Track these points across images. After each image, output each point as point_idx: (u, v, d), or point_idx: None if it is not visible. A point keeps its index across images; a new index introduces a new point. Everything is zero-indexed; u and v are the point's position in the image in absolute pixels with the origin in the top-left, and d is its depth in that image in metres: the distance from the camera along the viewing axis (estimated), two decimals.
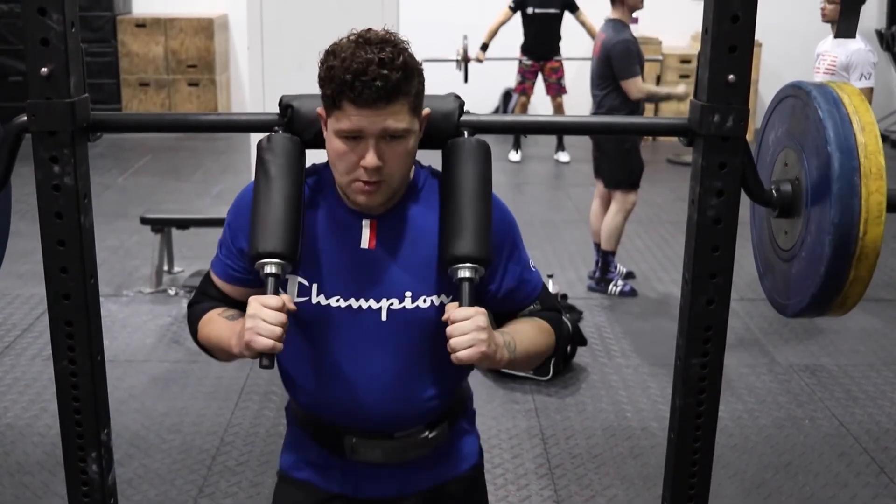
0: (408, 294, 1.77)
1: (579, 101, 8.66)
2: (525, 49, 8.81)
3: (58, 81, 1.94)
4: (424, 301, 1.77)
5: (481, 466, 2.04)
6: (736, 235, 2.02)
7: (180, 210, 6.02)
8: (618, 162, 5.50)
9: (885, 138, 9.97)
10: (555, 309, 1.94)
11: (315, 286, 1.77)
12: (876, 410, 4.21)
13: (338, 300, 1.77)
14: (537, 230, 6.71)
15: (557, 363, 4.43)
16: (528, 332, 1.84)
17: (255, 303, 1.64)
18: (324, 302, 1.77)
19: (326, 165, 1.80)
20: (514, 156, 9.24)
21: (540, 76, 8.90)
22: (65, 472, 2.26)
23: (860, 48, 5.49)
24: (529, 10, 8.56)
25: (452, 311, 1.66)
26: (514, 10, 8.57)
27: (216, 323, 1.84)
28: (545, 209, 7.36)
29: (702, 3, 1.96)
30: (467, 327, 1.63)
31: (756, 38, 1.98)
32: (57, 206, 2.03)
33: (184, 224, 5.65)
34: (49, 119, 1.96)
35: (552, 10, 8.53)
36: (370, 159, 1.64)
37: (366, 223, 1.78)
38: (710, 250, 2.06)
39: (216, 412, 4.10)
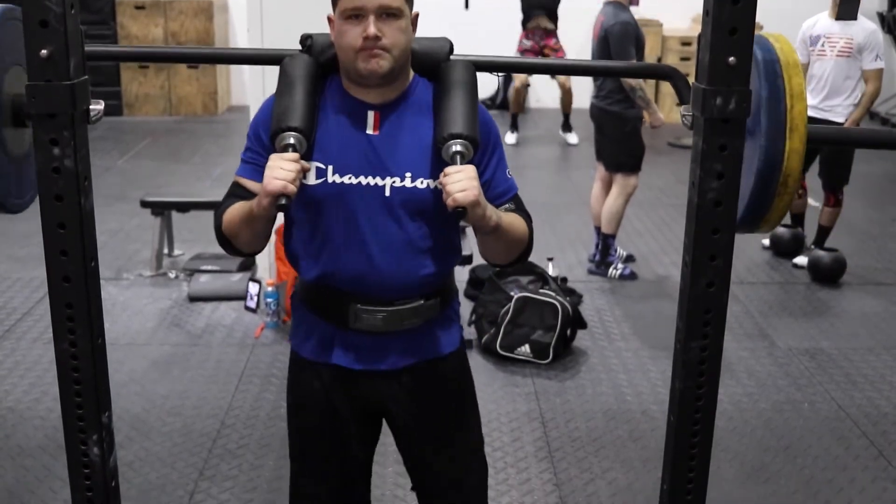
0: (408, 174, 2.06)
1: (579, 84, 8.65)
2: (524, 23, 8.81)
3: (57, 63, 1.93)
4: (422, 182, 2.06)
5: (464, 353, 2.32)
6: (736, 218, 2.02)
7: (180, 193, 6.02)
8: (619, 145, 5.49)
9: (885, 122, 9.96)
10: (527, 214, 2.21)
11: (330, 167, 2.06)
12: (875, 394, 4.21)
13: (349, 178, 2.05)
14: (538, 213, 6.64)
15: (557, 346, 4.44)
16: (508, 215, 2.11)
17: (274, 157, 1.95)
18: (338, 180, 2.05)
19: (337, 76, 2.11)
20: (510, 138, 9.09)
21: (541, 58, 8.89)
22: (66, 455, 2.27)
23: (875, 28, 5.50)
24: None
25: (448, 171, 1.95)
26: None
27: (238, 206, 2.09)
28: (546, 192, 7.35)
29: None
30: (461, 177, 1.93)
31: (757, 20, 1.97)
32: (57, 188, 2.03)
33: (184, 207, 5.65)
34: (49, 101, 1.95)
35: None
36: (371, 29, 1.95)
37: (370, 113, 2.07)
38: (710, 233, 2.06)
39: (217, 395, 4.10)
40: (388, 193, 2.05)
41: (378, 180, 2.05)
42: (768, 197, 2.10)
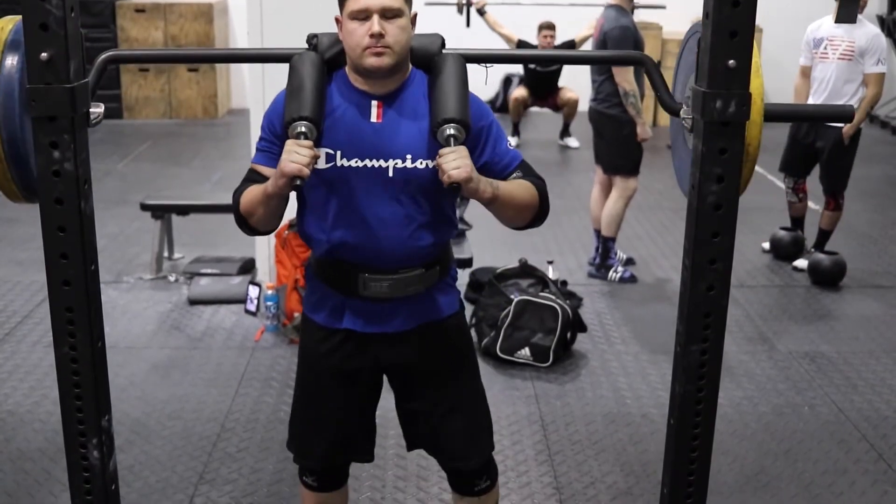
0: (408, 156, 2.27)
1: (578, 88, 8.65)
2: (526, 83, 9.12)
3: (57, 66, 1.94)
4: (421, 163, 2.28)
5: (463, 315, 2.55)
6: (736, 222, 2.02)
7: (180, 196, 6.02)
8: (617, 148, 5.49)
9: (885, 125, 9.96)
10: (538, 177, 2.40)
11: (339, 152, 2.27)
12: (875, 397, 4.21)
13: (356, 161, 2.27)
14: None
15: (557, 350, 4.44)
16: (510, 183, 2.33)
17: (290, 144, 2.15)
18: (346, 164, 2.27)
19: (341, 71, 2.33)
20: (511, 141, 9.17)
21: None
22: (66, 459, 2.27)
23: (878, 33, 5.49)
24: None
25: (442, 152, 2.16)
26: None
27: (255, 189, 2.29)
28: None
29: None
30: (454, 156, 2.15)
31: (756, 23, 1.97)
32: (57, 191, 2.03)
33: (184, 210, 5.65)
34: (48, 104, 1.96)
35: None
36: (375, 27, 2.17)
37: (374, 103, 2.29)
38: (710, 236, 2.06)
39: (217, 399, 4.10)
40: (391, 174, 2.27)
41: (382, 162, 2.27)
42: None
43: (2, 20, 2.08)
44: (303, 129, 2.17)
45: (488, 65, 2.48)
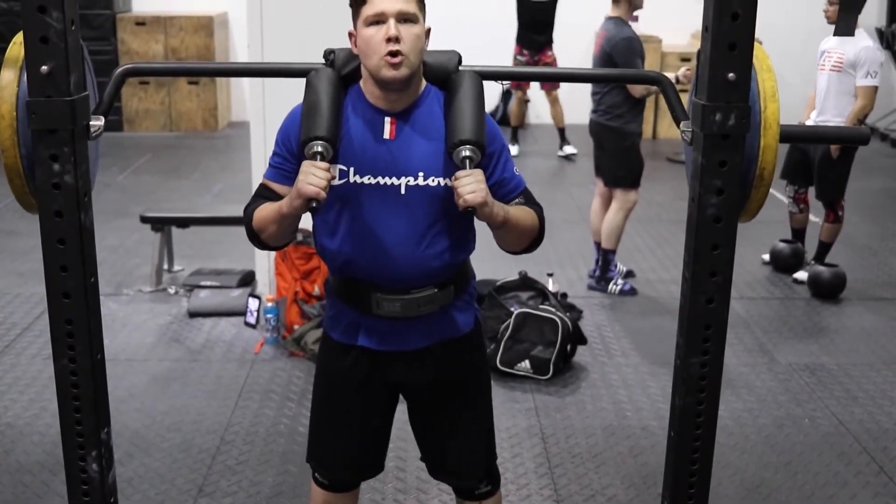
0: (420, 173, 2.27)
1: (578, 99, 8.66)
2: (519, 39, 8.85)
3: (58, 79, 1.94)
4: (433, 181, 2.27)
5: (480, 334, 2.56)
6: (736, 234, 2.02)
7: (180, 209, 6.02)
8: (618, 160, 5.50)
9: (884, 137, 9.97)
10: (538, 205, 2.43)
11: (352, 169, 2.28)
12: (875, 410, 4.21)
13: (369, 178, 2.27)
14: None
15: (557, 362, 4.43)
16: (517, 209, 2.34)
17: (307, 165, 2.13)
18: (359, 181, 2.27)
19: (356, 86, 2.32)
20: (512, 150, 9.18)
21: None
22: (65, 471, 2.26)
23: (869, 45, 5.49)
24: None
25: (458, 175, 2.15)
26: None
27: (268, 206, 2.29)
28: (545, 207, 7.28)
29: (702, 1, 1.96)
30: (470, 180, 2.14)
31: (756, 35, 1.97)
32: (57, 204, 2.03)
33: (184, 223, 5.65)
34: (49, 117, 1.96)
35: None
36: (392, 31, 2.15)
37: (387, 119, 2.29)
38: (710, 249, 2.06)
39: (216, 411, 4.09)
40: (403, 191, 2.27)
41: (394, 180, 2.27)
42: (746, 188, 2.16)
43: (19, 36, 2.09)
44: (319, 150, 2.16)
45: (505, 83, 2.47)
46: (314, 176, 2.11)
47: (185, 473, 3.61)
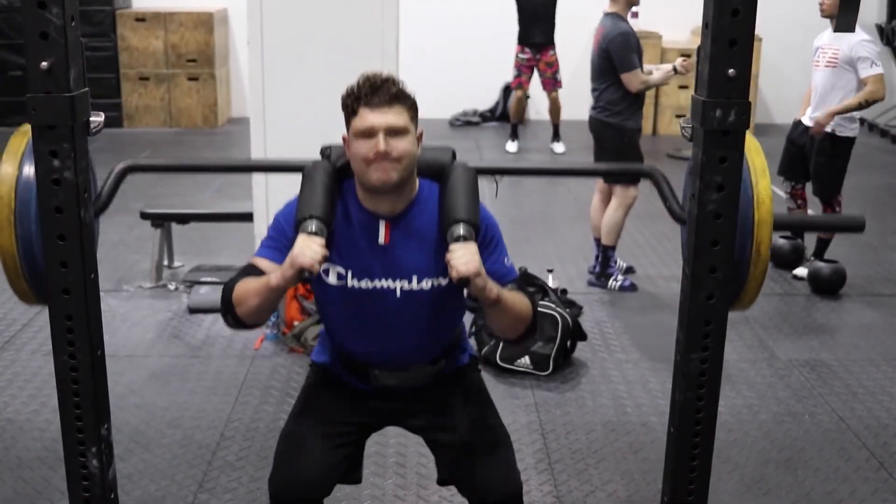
0: (415, 276, 2.37)
1: (578, 95, 8.67)
2: (521, 37, 8.84)
3: (57, 75, 1.94)
4: (427, 283, 2.37)
5: (475, 364, 2.68)
6: (736, 231, 2.02)
7: (180, 205, 6.01)
8: (617, 156, 5.49)
9: (884, 133, 9.96)
10: (529, 295, 2.45)
11: (349, 272, 2.38)
12: (875, 405, 4.21)
13: (366, 282, 2.38)
14: (537, 225, 6.71)
15: (557, 358, 4.43)
16: (509, 292, 2.37)
17: (303, 238, 2.21)
18: (357, 285, 2.38)
19: (350, 187, 2.39)
20: (512, 146, 9.23)
21: (536, 72, 8.93)
22: (65, 467, 2.27)
23: (861, 39, 5.49)
24: None
25: (452, 247, 2.22)
26: None
27: (254, 279, 2.31)
28: (545, 204, 7.35)
29: None
30: (464, 251, 2.21)
31: (756, 32, 1.97)
32: (57, 200, 2.03)
33: (183, 219, 5.65)
34: (49, 113, 1.96)
35: None
36: (381, 145, 2.22)
37: (381, 223, 2.36)
38: (709, 245, 2.06)
39: (216, 407, 4.10)
40: (398, 295, 2.38)
41: (390, 283, 2.37)
42: (744, 263, 2.20)
43: (23, 127, 2.13)
44: (314, 229, 2.23)
45: (499, 177, 2.56)
46: (310, 248, 2.19)
47: (185, 469, 3.61)
